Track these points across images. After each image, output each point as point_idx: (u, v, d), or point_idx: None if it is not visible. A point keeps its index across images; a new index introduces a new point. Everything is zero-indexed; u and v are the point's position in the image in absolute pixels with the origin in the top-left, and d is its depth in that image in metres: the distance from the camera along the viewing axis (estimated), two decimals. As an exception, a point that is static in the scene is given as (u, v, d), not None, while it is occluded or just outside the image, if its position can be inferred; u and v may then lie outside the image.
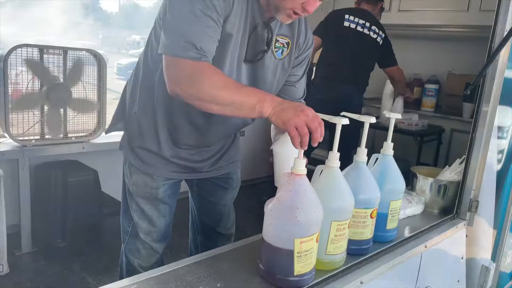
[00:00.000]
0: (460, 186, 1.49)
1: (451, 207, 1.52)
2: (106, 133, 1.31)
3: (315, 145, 0.90)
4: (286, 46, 1.17)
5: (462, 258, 1.53)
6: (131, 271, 1.29)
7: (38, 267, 2.16)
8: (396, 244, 1.17)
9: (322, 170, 1.00)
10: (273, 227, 0.88)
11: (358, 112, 2.80)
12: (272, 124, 1.27)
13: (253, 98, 0.92)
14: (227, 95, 0.92)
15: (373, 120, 1.06)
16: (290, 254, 0.87)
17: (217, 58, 1.01)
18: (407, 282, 1.22)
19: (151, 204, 1.23)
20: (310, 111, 0.89)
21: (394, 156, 1.18)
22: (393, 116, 1.18)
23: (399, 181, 1.19)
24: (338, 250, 0.99)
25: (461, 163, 1.53)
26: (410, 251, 1.17)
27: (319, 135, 0.88)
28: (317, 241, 0.90)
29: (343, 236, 0.99)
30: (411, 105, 3.55)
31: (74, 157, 2.46)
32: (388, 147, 1.20)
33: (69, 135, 2.35)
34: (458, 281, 1.56)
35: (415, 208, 1.43)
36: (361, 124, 1.05)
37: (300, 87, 1.30)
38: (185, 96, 0.95)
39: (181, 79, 0.94)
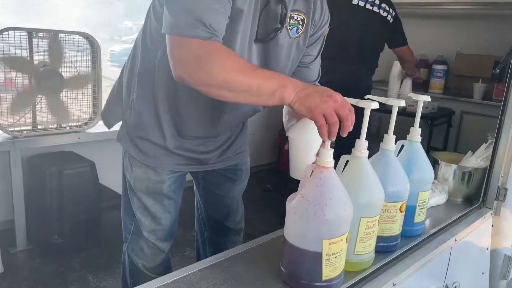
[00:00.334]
0: (486, 173, 1.40)
1: (476, 195, 1.43)
2: (106, 124, 1.20)
3: (345, 135, 0.80)
4: (301, 23, 1.06)
5: (487, 249, 1.46)
6: (135, 273, 1.20)
7: (34, 266, 2.07)
8: (425, 239, 1.09)
9: (347, 161, 0.90)
10: (297, 227, 0.79)
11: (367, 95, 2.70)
12: (284, 108, 1.17)
13: (272, 82, 0.81)
14: (242, 80, 0.81)
15: (402, 103, 0.96)
16: (317, 256, 0.78)
17: (227, 37, 0.90)
18: (437, 279, 1.14)
19: (154, 200, 1.14)
20: (339, 96, 0.79)
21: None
22: (423, 98, 1.08)
23: (428, 170, 1.10)
24: (367, 249, 0.90)
25: (487, 148, 1.44)
26: (440, 246, 1.09)
27: (350, 124, 0.78)
28: (346, 241, 0.81)
29: (372, 233, 0.90)
30: (418, 87, 3.44)
31: (69, 148, 2.36)
32: (416, 132, 1.10)
33: (63, 125, 2.24)
34: (482, 273, 1.49)
35: (439, 198, 1.34)
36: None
37: (315, 69, 1.19)
38: (193, 82, 0.84)
39: (189, 62, 0.83)
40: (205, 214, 1.36)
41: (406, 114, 2.45)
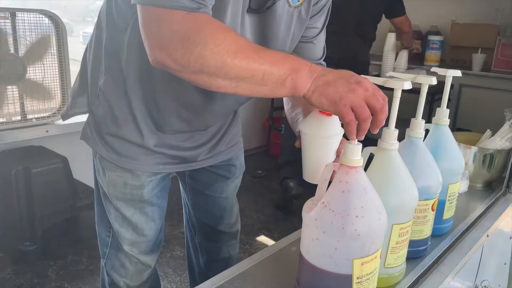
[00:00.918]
0: (511, 155, 1.26)
1: (498, 180, 1.31)
2: (63, 118, 1.00)
3: (376, 131, 0.64)
4: None
5: (510, 238, 1.34)
6: (117, 293, 1.03)
7: (4, 277, 1.88)
8: (457, 239, 0.95)
9: (371, 154, 0.75)
10: (320, 245, 0.63)
11: (365, 71, 2.56)
12: None
13: (281, 67, 0.64)
14: (242, 64, 0.63)
15: (434, 81, 0.81)
16: (346, 280, 0.63)
17: (215, 8, 0.72)
18: (468, 281, 1.01)
19: (135, 208, 0.97)
20: (368, 82, 0.63)
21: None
22: (451, 73, 0.93)
23: (458, 158, 0.95)
24: (399, 260, 0.76)
25: (511, 126, 1.30)
26: (474, 246, 0.95)
27: (384, 117, 0.62)
28: (380, 258, 0.66)
29: (405, 241, 0.76)
30: (413, 60, 3.32)
31: (37, 143, 2.15)
32: (443, 114, 0.96)
33: (28, 117, 2.02)
34: (505, 263, 1.39)
35: (461, 185, 1.21)
36: None
37: (320, 44, 1.02)
38: (177, 68, 0.65)
39: (171, 41, 0.63)
40: (194, 218, 1.20)
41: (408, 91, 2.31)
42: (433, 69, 1.00)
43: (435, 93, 2.65)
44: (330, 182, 0.68)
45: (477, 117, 2.73)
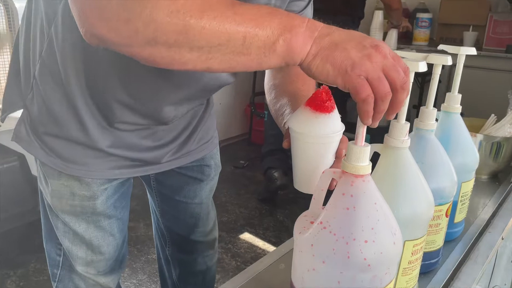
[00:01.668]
0: (522, 143, 1.16)
1: (504, 171, 1.21)
2: (1, 121, 0.84)
3: (392, 116, 0.50)
4: None
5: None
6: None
7: (-43, 290, 1.71)
8: (471, 246, 0.84)
9: (375, 152, 0.61)
10: (318, 276, 0.50)
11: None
12: (267, 74, 0.86)
13: (268, 24, 0.47)
14: (213, 26, 0.45)
15: (449, 61, 0.68)
16: (352, 320, 0.50)
17: None
18: (482, 291, 0.90)
19: (87, 222, 0.82)
20: (388, 48, 0.48)
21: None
22: (465, 52, 0.80)
23: (472, 152, 0.84)
24: (411, 282, 0.64)
25: (520, 111, 1.19)
26: (491, 253, 0.83)
27: (405, 96, 0.48)
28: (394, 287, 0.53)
29: (418, 260, 0.64)
30: (400, 40, 3.20)
31: (-9, 138, 1.95)
32: (454, 100, 0.83)
33: (-23, 110, 1.82)
34: (511, 261, 1.29)
35: (467, 179, 1.09)
36: None
37: (309, 16, 0.87)
38: (121, 41, 0.47)
39: (107, 3, 0.45)
40: (164, 227, 1.05)
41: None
42: (441, 47, 0.87)
43: (426, 74, 2.54)
44: (328, 191, 0.55)
45: (470, 99, 2.63)
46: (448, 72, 2.96)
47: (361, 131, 0.49)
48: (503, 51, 2.78)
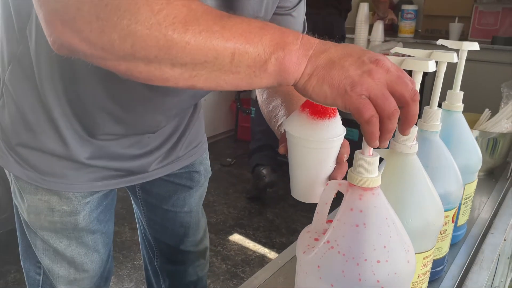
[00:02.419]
0: (519, 138, 1.13)
1: (500, 167, 1.19)
2: None
3: (408, 132, 0.46)
4: None
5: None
6: None
7: None
8: (476, 250, 0.81)
9: (382, 160, 0.57)
10: (326, 301, 0.45)
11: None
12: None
13: (260, 41, 0.43)
14: (199, 41, 0.41)
15: (455, 58, 0.65)
16: None
17: None
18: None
19: (68, 239, 0.76)
20: (389, 61, 0.44)
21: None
22: (467, 47, 0.77)
23: (475, 152, 0.80)
24: (420, 296, 0.60)
25: (517, 105, 1.16)
26: (495, 255, 0.81)
27: (417, 109, 0.44)
28: (406, 307, 0.49)
29: (428, 272, 0.60)
30: (385, 32, 3.18)
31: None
32: (456, 98, 0.80)
33: None
34: (508, 258, 1.28)
35: (464, 177, 1.07)
36: None
37: (300, 17, 0.81)
38: (94, 53, 0.41)
39: (78, 10, 0.40)
40: (151, 238, 0.99)
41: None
42: (440, 42, 0.83)
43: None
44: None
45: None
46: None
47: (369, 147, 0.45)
48: (489, 43, 2.79)
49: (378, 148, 0.46)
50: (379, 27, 2.65)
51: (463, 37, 2.94)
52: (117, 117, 0.68)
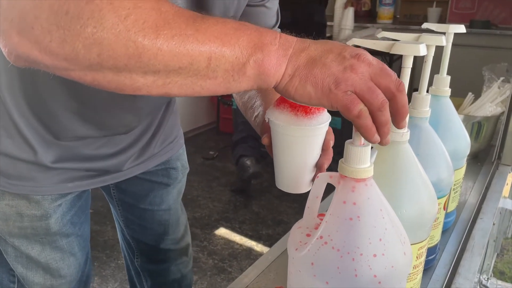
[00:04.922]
0: (504, 121, 1.14)
1: (486, 151, 1.19)
2: None
3: (404, 124, 0.44)
4: None
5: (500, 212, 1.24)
6: None
7: None
8: (466, 236, 0.80)
9: (372, 149, 0.55)
10: (321, 299, 0.44)
11: (322, 34, 2.37)
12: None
13: (236, 43, 0.40)
14: (172, 47, 0.38)
15: (444, 41, 0.63)
16: None
17: None
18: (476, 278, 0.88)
19: (41, 244, 0.73)
20: (368, 55, 0.42)
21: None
22: (453, 30, 0.75)
23: (464, 137, 0.79)
24: (415, 287, 0.59)
25: (500, 88, 1.16)
26: (485, 240, 0.80)
27: (406, 99, 0.42)
28: (403, 301, 0.48)
29: (423, 262, 0.59)
30: (364, 18, 3.19)
31: None
32: (443, 83, 0.79)
33: None
34: (494, 241, 1.29)
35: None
36: None
37: (274, 8, 0.78)
38: (56, 64, 0.38)
39: (36, 18, 0.36)
40: (130, 238, 0.96)
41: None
42: (426, 25, 0.81)
43: (394, 54, 2.52)
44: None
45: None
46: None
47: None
48: (467, 27, 2.81)
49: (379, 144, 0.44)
50: (349, 12, 2.63)
51: (441, 21, 2.96)
52: (85, 117, 0.65)
